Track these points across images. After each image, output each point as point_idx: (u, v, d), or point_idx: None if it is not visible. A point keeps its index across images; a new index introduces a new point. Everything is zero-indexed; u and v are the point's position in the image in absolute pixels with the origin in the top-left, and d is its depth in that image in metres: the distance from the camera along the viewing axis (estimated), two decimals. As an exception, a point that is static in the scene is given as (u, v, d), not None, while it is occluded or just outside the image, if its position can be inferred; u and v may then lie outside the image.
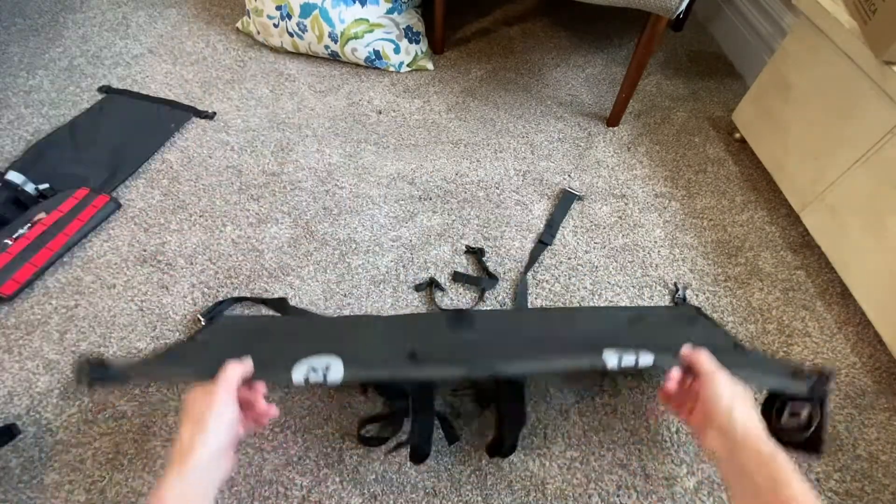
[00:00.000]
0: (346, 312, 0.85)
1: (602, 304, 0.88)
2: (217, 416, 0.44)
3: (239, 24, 1.38)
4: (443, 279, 0.90)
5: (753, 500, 0.41)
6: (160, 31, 1.37)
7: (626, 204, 1.04)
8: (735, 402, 0.46)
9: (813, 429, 0.54)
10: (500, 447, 0.66)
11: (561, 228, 0.99)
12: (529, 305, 0.87)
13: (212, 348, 0.69)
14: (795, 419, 0.55)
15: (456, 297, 0.88)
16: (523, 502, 0.68)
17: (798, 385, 0.54)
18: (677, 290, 0.90)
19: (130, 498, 0.66)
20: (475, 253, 0.94)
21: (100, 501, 0.66)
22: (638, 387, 0.78)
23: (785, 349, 0.83)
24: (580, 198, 1.03)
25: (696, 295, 0.90)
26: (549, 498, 0.68)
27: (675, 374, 0.53)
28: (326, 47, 1.26)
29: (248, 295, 0.86)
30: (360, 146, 1.13)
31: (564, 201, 1.02)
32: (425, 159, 1.11)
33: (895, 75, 0.74)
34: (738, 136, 1.16)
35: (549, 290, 0.90)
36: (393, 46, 1.26)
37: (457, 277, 0.90)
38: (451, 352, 0.66)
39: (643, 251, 0.96)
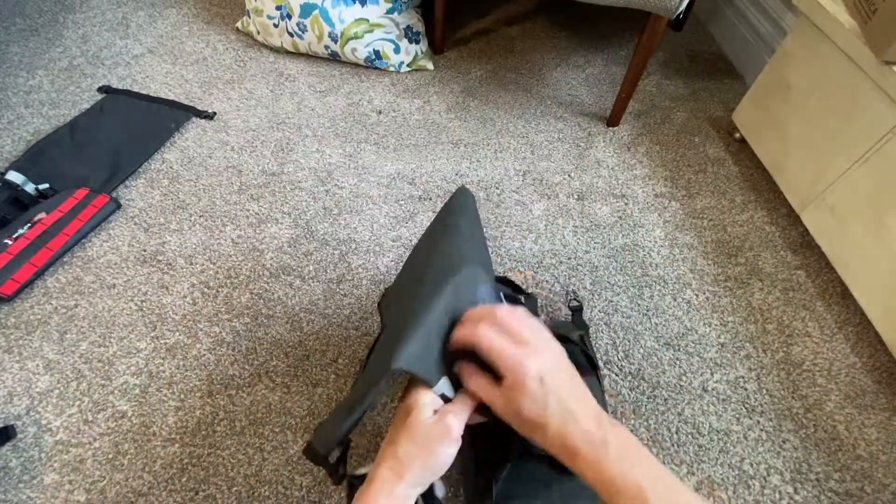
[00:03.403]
0: (346, 313, 0.85)
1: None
2: (446, 458, 0.39)
3: (239, 24, 1.38)
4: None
5: None
6: (160, 31, 1.37)
7: (626, 204, 1.04)
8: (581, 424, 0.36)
9: None
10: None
11: (561, 229, 0.99)
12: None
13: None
14: None
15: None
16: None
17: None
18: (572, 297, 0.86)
19: (130, 498, 0.66)
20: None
21: (100, 501, 0.66)
22: (638, 387, 0.78)
23: (785, 349, 0.83)
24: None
25: (696, 295, 0.90)
26: (549, 498, 0.68)
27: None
28: (326, 47, 1.26)
29: (248, 294, 0.86)
30: (360, 146, 1.13)
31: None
32: (425, 159, 1.11)
33: (895, 75, 0.74)
34: (738, 136, 1.16)
35: (549, 290, 0.90)
36: (393, 46, 1.26)
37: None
38: None
39: (643, 251, 0.96)
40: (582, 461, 0.35)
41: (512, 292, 0.69)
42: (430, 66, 1.33)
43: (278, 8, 1.22)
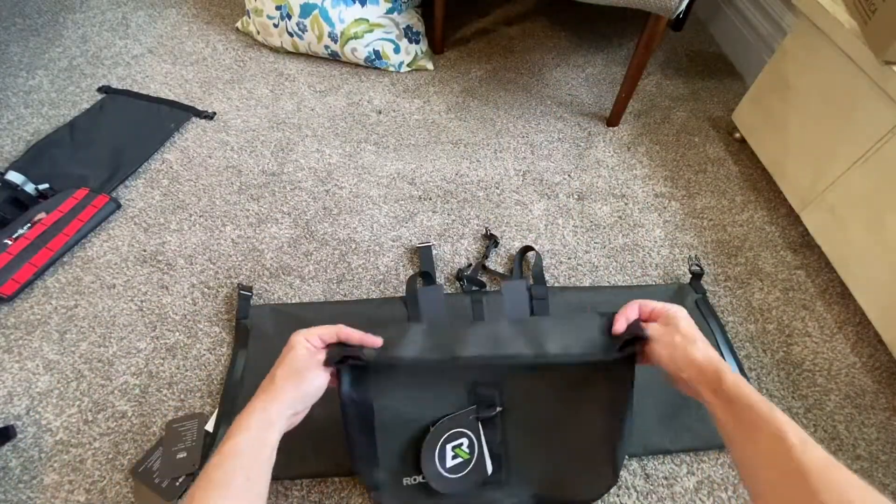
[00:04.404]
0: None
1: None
2: (315, 388, 0.50)
3: (239, 24, 1.38)
4: (442, 279, 0.90)
5: (758, 459, 0.39)
6: (160, 31, 1.37)
7: (626, 204, 1.04)
8: (710, 351, 0.47)
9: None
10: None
11: (561, 229, 0.99)
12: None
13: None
14: None
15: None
16: None
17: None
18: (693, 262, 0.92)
19: (130, 498, 0.66)
20: (491, 238, 0.95)
21: (100, 501, 0.66)
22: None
23: (785, 349, 0.83)
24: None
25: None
26: (549, 498, 0.68)
27: (631, 314, 0.54)
28: (326, 47, 1.26)
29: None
30: (360, 146, 1.13)
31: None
32: (425, 159, 1.11)
33: (895, 75, 0.74)
34: (738, 136, 1.16)
35: (549, 290, 0.90)
36: (393, 46, 1.26)
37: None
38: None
39: (643, 251, 0.96)
40: (723, 371, 0.44)
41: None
42: (430, 66, 1.33)
43: (278, 8, 1.22)
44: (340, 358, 0.51)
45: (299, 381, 0.49)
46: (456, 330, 0.55)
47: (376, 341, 0.53)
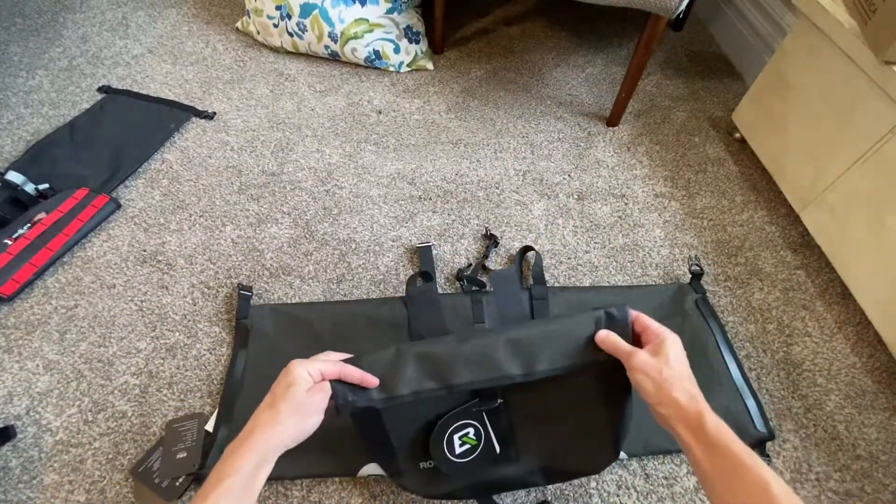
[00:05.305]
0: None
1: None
2: (311, 425, 0.49)
3: (239, 24, 1.38)
4: (442, 279, 0.90)
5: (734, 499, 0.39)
6: (160, 31, 1.37)
7: (626, 204, 1.04)
8: (694, 390, 0.46)
9: None
10: None
11: (561, 229, 0.99)
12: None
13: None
14: None
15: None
16: (523, 502, 0.68)
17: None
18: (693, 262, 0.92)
19: (130, 498, 0.66)
20: (491, 238, 0.95)
21: (100, 501, 0.66)
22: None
23: (785, 349, 0.84)
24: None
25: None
26: (549, 498, 0.68)
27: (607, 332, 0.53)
28: (326, 47, 1.26)
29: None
30: (360, 146, 1.13)
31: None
32: (425, 159, 1.11)
33: (895, 75, 0.74)
34: (738, 136, 1.16)
35: (549, 290, 0.90)
36: (393, 46, 1.26)
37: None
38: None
39: (643, 251, 0.96)
40: (705, 413, 0.43)
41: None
42: (430, 66, 1.33)
43: (278, 8, 1.22)
44: (356, 410, 0.53)
45: (302, 419, 0.48)
46: (448, 351, 0.57)
47: (373, 381, 0.54)
